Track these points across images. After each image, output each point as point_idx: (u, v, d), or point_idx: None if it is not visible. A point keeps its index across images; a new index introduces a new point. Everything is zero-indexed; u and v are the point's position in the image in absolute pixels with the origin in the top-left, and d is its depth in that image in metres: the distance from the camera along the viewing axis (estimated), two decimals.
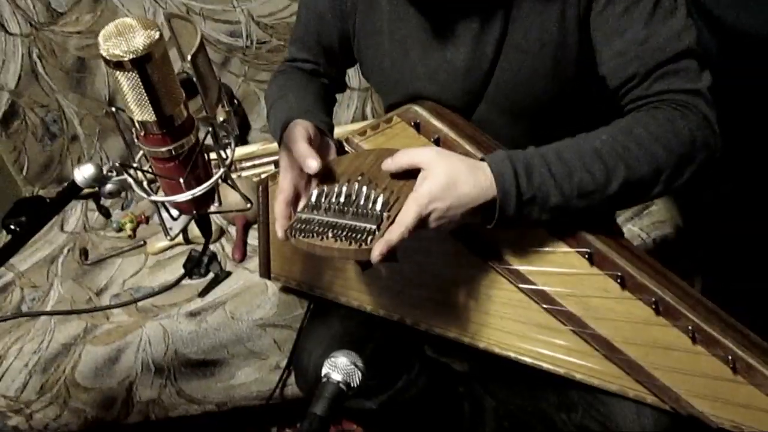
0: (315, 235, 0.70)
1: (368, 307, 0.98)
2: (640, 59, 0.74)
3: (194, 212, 0.68)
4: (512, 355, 0.87)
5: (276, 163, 1.50)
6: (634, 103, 0.76)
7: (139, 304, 1.19)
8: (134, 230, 1.41)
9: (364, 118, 1.57)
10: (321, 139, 0.83)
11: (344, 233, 0.69)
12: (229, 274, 1.22)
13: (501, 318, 0.87)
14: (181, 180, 0.63)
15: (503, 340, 0.88)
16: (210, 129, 0.61)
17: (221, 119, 0.64)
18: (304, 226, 0.72)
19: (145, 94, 0.56)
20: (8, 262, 1.36)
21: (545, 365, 0.85)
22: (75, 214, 1.51)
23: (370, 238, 0.68)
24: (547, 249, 0.81)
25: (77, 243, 1.40)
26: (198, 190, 0.63)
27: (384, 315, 0.97)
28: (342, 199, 0.73)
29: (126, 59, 0.53)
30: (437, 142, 0.82)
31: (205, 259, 1.24)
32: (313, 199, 0.75)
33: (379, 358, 1.00)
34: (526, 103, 0.82)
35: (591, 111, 0.85)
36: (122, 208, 1.45)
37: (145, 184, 0.66)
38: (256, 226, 1.35)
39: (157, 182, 0.66)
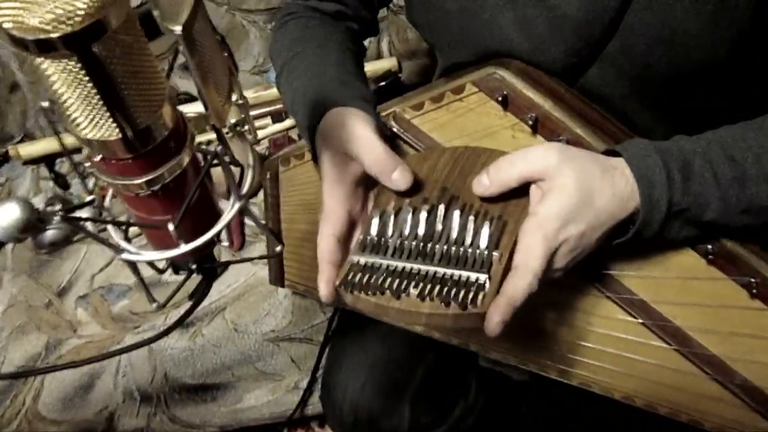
0: (386, 291, 0.47)
1: (419, 329, 0.76)
2: None
3: (193, 265, 0.45)
4: (617, 396, 0.68)
5: (274, 117, 1.24)
6: None
7: (114, 310, 0.96)
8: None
9: (378, 56, 1.29)
10: None
11: (437, 288, 0.46)
12: (226, 266, 0.98)
13: (606, 354, 0.66)
14: (171, 226, 0.38)
15: (607, 379, 0.68)
16: (217, 146, 0.36)
17: (232, 121, 0.39)
18: (365, 277, 0.48)
19: (97, 98, 0.31)
20: None
21: (663, 410, 0.66)
22: (24, 182, 1.24)
23: (481, 295, 0.45)
24: (687, 275, 0.59)
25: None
26: (197, 243, 0.39)
27: (440, 338, 0.75)
28: (420, 232, 0.49)
29: (54, 35, 0.28)
30: (534, 125, 0.58)
31: None
32: (374, 231, 0.50)
33: (431, 386, 0.81)
34: (661, 70, 0.57)
35: (758, 94, 0.60)
36: (82, 177, 1.18)
37: (112, 231, 0.42)
38: (256, 201, 1.10)
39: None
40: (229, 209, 0.41)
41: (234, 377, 0.91)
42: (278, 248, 0.45)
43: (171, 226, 0.39)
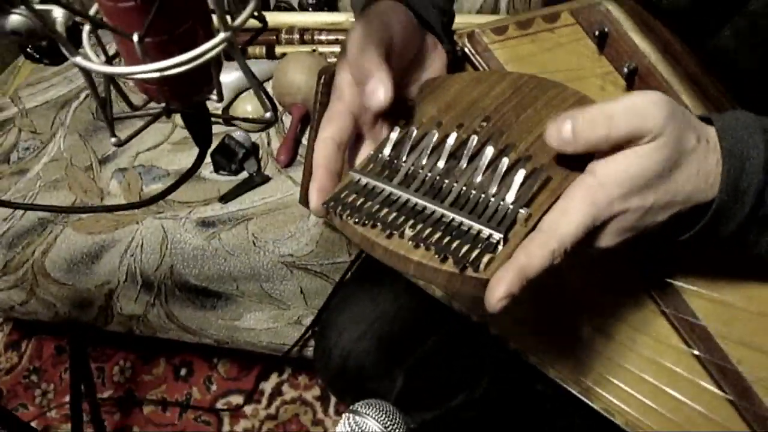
0: (378, 224, 0.39)
1: (438, 293, 0.67)
2: None
3: (167, 103, 0.39)
4: None
5: None
6: None
7: (146, 191, 0.94)
8: None
9: (495, 11, 1.19)
10: (419, 38, 0.49)
11: (436, 236, 0.37)
12: (266, 179, 0.94)
13: (643, 382, 0.55)
14: (135, 37, 0.32)
15: (635, 413, 0.57)
16: None
17: None
18: (359, 200, 0.40)
19: None
20: (16, 93, 1.11)
21: None
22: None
23: (486, 258, 0.36)
24: None
25: (100, 89, 1.13)
26: (163, 64, 0.33)
27: (458, 309, 0.67)
28: (441, 165, 0.41)
29: None
30: (631, 76, 0.48)
31: (241, 152, 0.95)
32: (387, 150, 0.43)
33: (435, 362, 0.73)
34: None
35: None
36: None
37: (86, 40, 0.36)
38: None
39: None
40: (215, 40, 0.34)
41: (238, 291, 0.86)
42: (268, 114, 0.38)
43: (135, 37, 0.32)
